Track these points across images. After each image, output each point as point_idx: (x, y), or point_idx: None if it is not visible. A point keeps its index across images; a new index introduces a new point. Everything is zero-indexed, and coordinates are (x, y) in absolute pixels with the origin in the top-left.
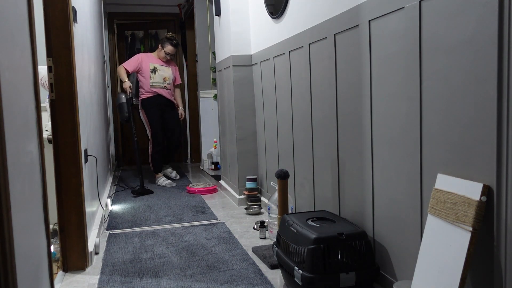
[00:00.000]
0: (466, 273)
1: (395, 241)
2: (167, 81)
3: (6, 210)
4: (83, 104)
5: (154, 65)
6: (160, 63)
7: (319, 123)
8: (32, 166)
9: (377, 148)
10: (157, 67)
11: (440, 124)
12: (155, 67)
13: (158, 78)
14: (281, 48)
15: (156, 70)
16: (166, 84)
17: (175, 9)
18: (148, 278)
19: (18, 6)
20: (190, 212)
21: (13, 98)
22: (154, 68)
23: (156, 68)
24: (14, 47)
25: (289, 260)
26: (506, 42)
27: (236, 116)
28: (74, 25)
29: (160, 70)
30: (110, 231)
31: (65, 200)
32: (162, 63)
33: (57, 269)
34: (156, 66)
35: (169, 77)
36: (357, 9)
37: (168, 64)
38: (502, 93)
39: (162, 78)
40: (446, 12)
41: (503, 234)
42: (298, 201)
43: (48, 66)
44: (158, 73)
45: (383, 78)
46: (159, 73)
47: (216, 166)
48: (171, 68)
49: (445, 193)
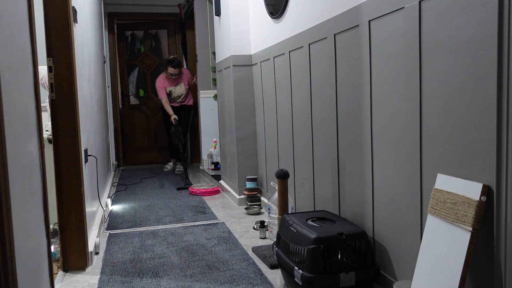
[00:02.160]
0: (466, 273)
1: (395, 241)
2: (181, 97)
3: (6, 210)
4: (83, 104)
5: (169, 89)
6: (172, 84)
7: (319, 123)
8: (32, 166)
9: (377, 148)
10: (171, 90)
11: (440, 124)
12: (170, 91)
13: (174, 98)
14: (281, 48)
15: (171, 93)
16: (180, 99)
17: (175, 9)
18: (148, 278)
19: (18, 6)
20: (190, 212)
21: (13, 98)
22: (170, 91)
23: (171, 91)
24: (14, 47)
25: (289, 260)
26: (506, 42)
27: (236, 116)
28: (74, 25)
29: (174, 92)
30: (110, 231)
31: (65, 200)
32: (173, 83)
33: (57, 269)
34: (171, 89)
35: (181, 94)
36: (357, 9)
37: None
38: (502, 93)
39: (176, 97)
40: (446, 12)
41: (503, 234)
42: (298, 201)
43: (48, 66)
44: (172, 95)
45: (383, 78)
46: (173, 95)
47: (216, 166)
48: (182, 84)
49: (445, 193)
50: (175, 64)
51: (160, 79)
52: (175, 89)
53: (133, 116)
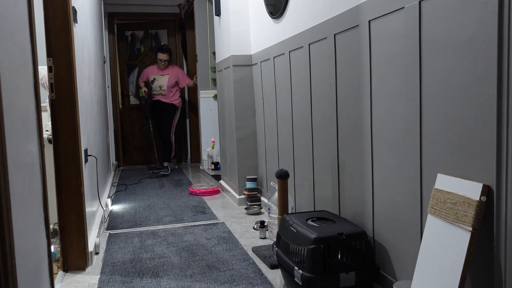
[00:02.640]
0: (466, 273)
1: (395, 241)
2: (162, 88)
3: (6, 210)
4: (83, 104)
5: (154, 76)
6: (159, 73)
7: (319, 123)
8: (32, 166)
9: (377, 148)
10: (155, 77)
11: (440, 124)
12: (154, 78)
13: (155, 87)
14: (281, 48)
15: (154, 81)
16: (161, 91)
17: (175, 9)
18: (148, 278)
19: (18, 6)
20: (190, 212)
21: (13, 98)
22: (153, 79)
23: (155, 78)
24: (14, 47)
25: (289, 260)
26: (506, 42)
27: (236, 116)
28: (74, 25)
29: (157, 80)
30: (110, 231)
31: (65, 200)
32: (160, 72)
33: (57, 269)
34: (155, 77)
35: (163, 86)
36: (357, 9)
37: (166, 70)
38: (502, 93)
39: (158, 87)
40: (446, 12)
41: (503, 234)
42: (298, 201)
43: (48, 66)
44: (155, 83)
45: (383, 78)
46: (156, 83)
47: (216, 166)
48: (168, 76)
49: (445, 193)
50: (164, 50)
51: (150, 66)
52: (159, 78)
53: (133, 116)
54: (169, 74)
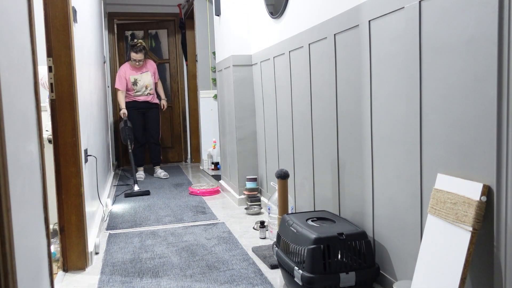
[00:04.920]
0: (466, 273)
1: (395, 241)
2: (149, 88)
3: (6, 210)
4: (83, 104)
5: (134, 77)
6: (138, 72)
7: (319, 123)
8: (32, 166)
9: (377, 148)
10: (136, 78)
11: (440, 124)
12: (135, 80)
13: (140, 87)
14: (281, 48)
15: (136, 82)
16: (149, 90)
17: (175, 9)
18: (148, 278)
19: (18, 6)
20: (190, 212)
21: (13, 98)
22: (135, 80)
23: (136, 79)
24: (14, 47)
25: (289, 260)
26: (506, 42)
27: (236, 116)
28: (74, 25)
29: (139, 81)
30: (110, 231)
31: (65, 200)
32: (138, 71)
33: (57, 269)
34: (136, 77)
35: (149, 83)
36: (357, 9)
37: (145, 67)
38: (502, 93)
39: (143, 87)
40: (446, 12)
41: (503, 234)
42: (298, 201)
43: (48, 66)
44: (139, 84)
45: (383, 78)
46: (139, 84)
47: (216, 166)
48: (149, 72)
49: (445, 193)
50: (137, 49)
51: (123, 67)
52: (141, 77)
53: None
54: (149, 70)
